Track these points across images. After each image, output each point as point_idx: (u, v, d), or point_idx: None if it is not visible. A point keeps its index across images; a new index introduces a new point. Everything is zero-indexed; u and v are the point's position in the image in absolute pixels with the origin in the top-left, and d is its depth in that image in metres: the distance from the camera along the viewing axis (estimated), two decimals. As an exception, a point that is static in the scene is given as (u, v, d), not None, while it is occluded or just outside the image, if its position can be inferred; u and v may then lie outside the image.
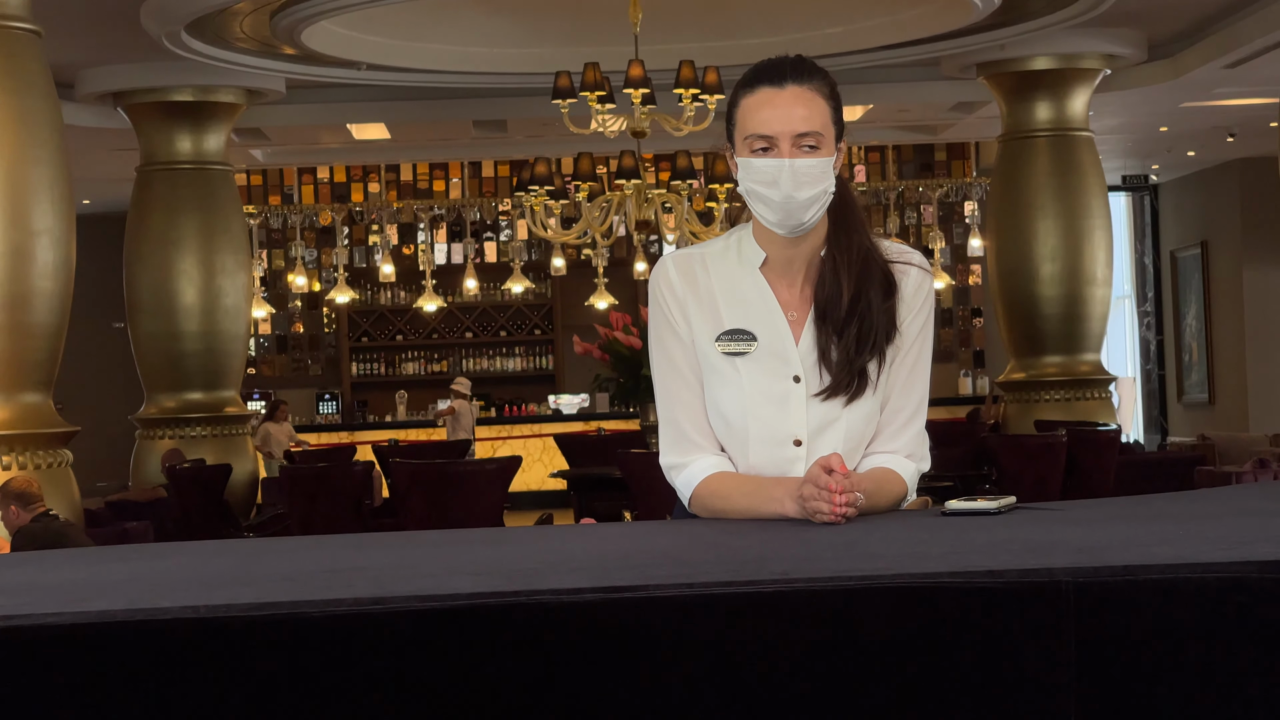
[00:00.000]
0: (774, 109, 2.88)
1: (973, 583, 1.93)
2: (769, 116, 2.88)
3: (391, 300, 19.20)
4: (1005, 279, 13.37)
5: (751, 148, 2.90)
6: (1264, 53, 12.00)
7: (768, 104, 2.89)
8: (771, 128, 2.87)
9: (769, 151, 2.88)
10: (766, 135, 2.88)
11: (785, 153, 2.87)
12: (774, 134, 2.87)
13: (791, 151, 2.87)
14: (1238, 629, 1.91)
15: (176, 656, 1.82)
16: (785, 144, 2.87)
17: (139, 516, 10.23)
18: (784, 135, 2.87)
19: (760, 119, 2.89)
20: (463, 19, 11.80)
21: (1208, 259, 19.29)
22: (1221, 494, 3.12)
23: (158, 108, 12.86)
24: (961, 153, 17.89)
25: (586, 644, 1.88)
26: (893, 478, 2.92)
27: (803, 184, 2.86)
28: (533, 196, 11.03)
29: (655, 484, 6.58)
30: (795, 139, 2.87)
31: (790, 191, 2.86)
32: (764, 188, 2.88)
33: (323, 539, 2.89)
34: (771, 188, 2.87)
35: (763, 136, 2.88)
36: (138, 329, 13.10)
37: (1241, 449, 14.18)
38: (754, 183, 2.89)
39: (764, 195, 2.88)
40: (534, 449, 17.10)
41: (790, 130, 2.87)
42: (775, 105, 2.88)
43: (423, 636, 1.85)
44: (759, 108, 2.89)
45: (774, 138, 2.87)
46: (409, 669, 1.84)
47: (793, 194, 2.86)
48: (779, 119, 2.87)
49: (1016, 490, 2.95)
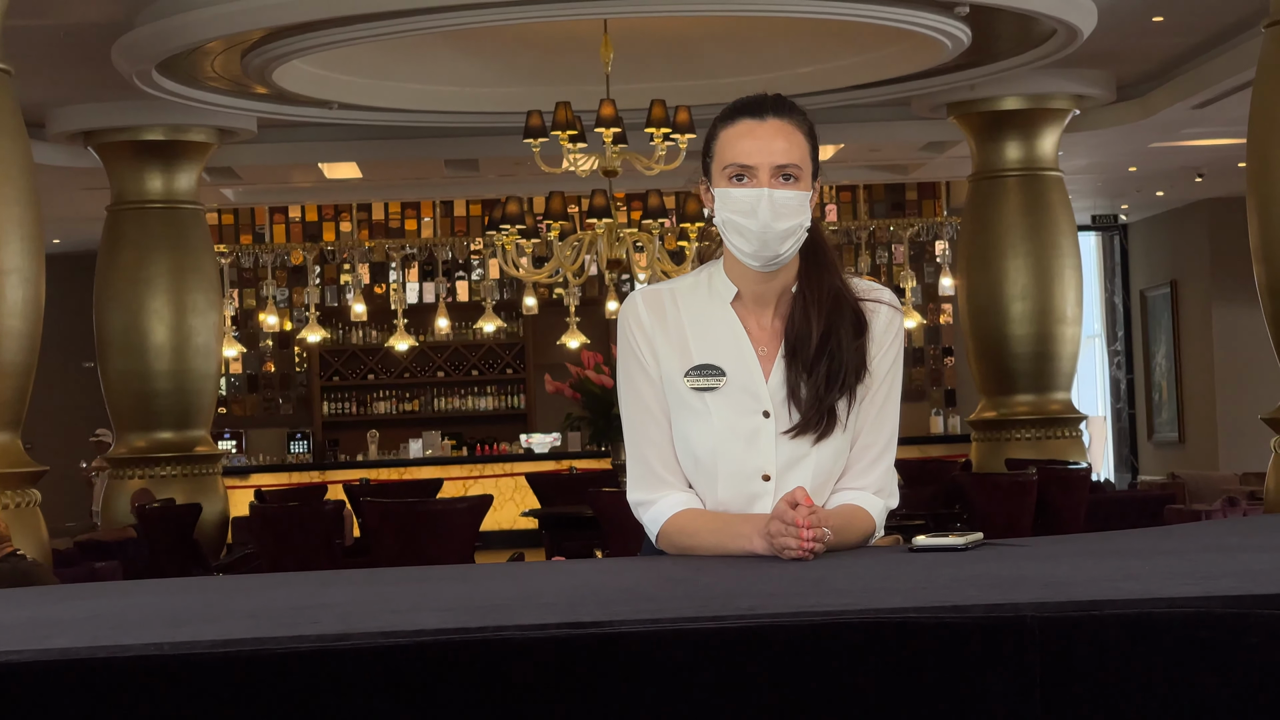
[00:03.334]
0: (755, 140, 2.89)
1: (939, 618, 1.93)
2: (750, 147, 2.89)
3: (363, 339, 19.17)
4: (976, 318, 13.41)
5: (730, 176, 2.90)
6: (1231, 93, 12.08)
7: (749, 135, 2.90)
8: (752, 158, 2.89)
9: (748, 181, 2.89)
10: (746, 165, 2.89)
11: (764, 183, 2.88)
12: (754, 164, 2.88)
13: (771, 182, 2.88)
14: (1203, 663, 1.92)
15: (140, 694, 1.81)
16: (765, 174, 2.88)
17: (108, 556, 10.18)
18: (764, 166, 2.88)
19: (741, 149, 2.90)
20: (434, 58, 11.82)
21: (1177, 298, 19.37)
22: (1187, 530, 3.13)
23: (128, 147, 12.84)
24: (932, 192, 17.95)
25: (553, 680, 1.87)
26: (860, 514, 2.92)
27: (781, 214, 2.87)
28: (504, 235, 11.03)
29: (627, 523, 6.56)
30: (775, 170, 2.88)
31: (768, 221, 2.87)
32: (741, 217, 2.88)
33: (290, 576, 2.88)
34: (749, 217, 2.87)
35: (743, 165, 2.89)
36: (108, 368, 13.06)
37: (1211, 488, 14.21)
38: (731, 212, 2.90)
39: (741, 225, 2.89)
40: (506, 488, 17.06)
41: (770, 161, 2.88)
42: (756, 136, 2.90)
43: (389, 673, 1.84)
44: (739, 138, 2.91)
45: (754, 168, 2.88)
46: (375, 706, 1.83)
47: (771, 224, 2.87)
48: (760, 150, 2.89)
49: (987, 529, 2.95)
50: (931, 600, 2.01)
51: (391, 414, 19.31)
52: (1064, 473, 11.83)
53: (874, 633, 1.91)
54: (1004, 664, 1.91)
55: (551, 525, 11.64)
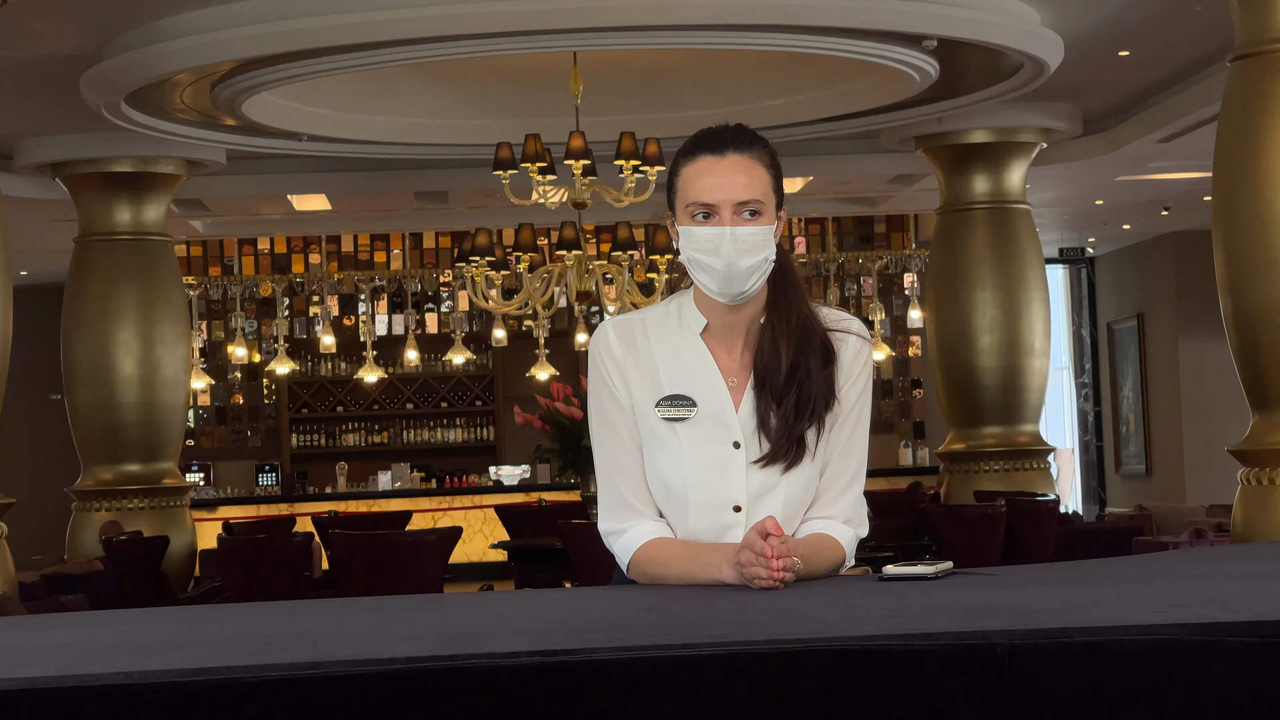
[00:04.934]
0: (715, 177, 2.89)
1: (909, 645, 1.93)
2: (710, 184, 2.89)
3: (332, 371, 19.14)
4: (944, 350, 13.43)
5: (693, 215, 2.91)
6: (1196, 127, 12.15)
7: (709, 172, 2.90)
8: (713, 195, 2.89)
9: (710, 219, 2.89)
10: (708, 203, 2.89)
11: (727, 220, 2.88)
12: (715, 202, 2.89)
13: (733, 219, 2.88)
14: (1172, 690, 1.92)
15: (109, 722, 1.81)
16: (727, 212, 2.88)
17: (75, 589, 10.11)
18: (725, 203, 2.88)
19: (701, 187, 2.90)
20: (404, 91, 11.83)
21: (1144, 331, 19.45)
22: (1155, 559, 3.15)
23: (97, 178, 12.81)
24: (901, 225, 18.00)
25: (524, 708, 1.87)
26: (830, 543, 2.93)
27: (744, 252, 2.88)
28: (474, 267, 11.03)
29: (597, 555, 6.55)
30: (736, 207, 2.88)
31: (732, 259, 2.87)
32: (705, 256, 2.89)
33: (259, 606, 2.88)
34: (713, 256, 2.88)
35: (704, 204, 2.89)
36: (75, 400, 13.00)
37: (1179, 519, 14.25)
38: (695, 251, 2.90)
39: (705, 263, 2.90)
40: (475, 520, 17.02)
41: (731, 198, 2.88)
42: (716, 173, 2.89)
43: (359, 702, 1.84)
44: (700, 176, 2.91)
45: (715, 205, 2.89)
46: (345, 734, 1.83)
47: (734, 262, 2.87)
48: (720, 187, 2.89)
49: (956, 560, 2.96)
50: (902, 628, 2.01)
51: (360, 446, 19.27)
52: (1032, 504, 11.85)
53: (845, 660, 1.92)
54: (974, 691, 1.91)
55: (521, 557, 11.62)
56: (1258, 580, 2.50)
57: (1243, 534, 8.13)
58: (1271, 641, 1.92)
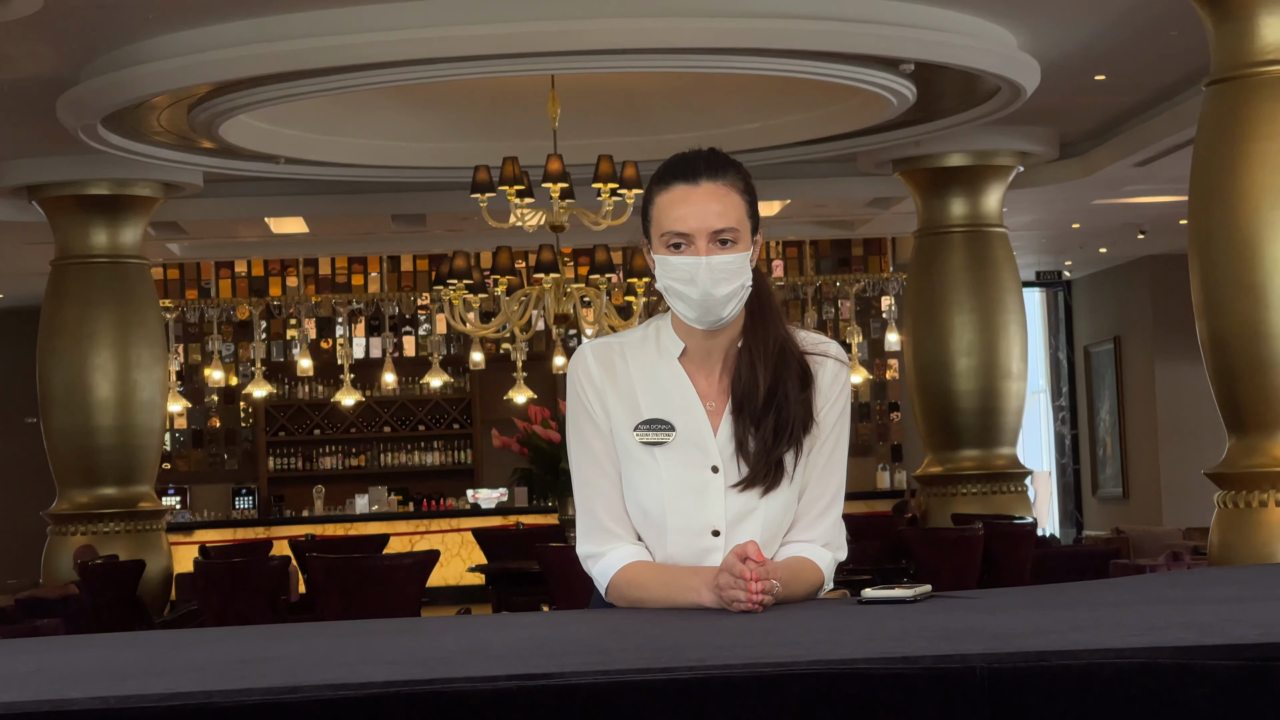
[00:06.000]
0: (689, 206, 2.89)
1: (888, 669, 1.93)
2: (684, 214, 2.89)
3: (309, 394, 19.09)
4: (922, 373, 13.45)
5: (668, 244, 2.91)
6: (1172, 151, 12.20)
7: (682, 201, 2.89)
8: (687, 225, 2.88)
9: (685, 248, 2.89)
10: (682, 233, 2.89)
11: (702, 250, 2.88)
12: (690, 231, 2.88)
13: (708, 248, 2.88)
14: (1150, 714, 1.92)
15: (85, 748, 1.80)
16: (701, 241, 2.88)
17: (50, 614, 10.07)
18: (700, 232, 2.88)
19: (675, 216, 2.89)
20: (382, 113, 11.83)
21: (1120, 354, 19.50)
22: (1133, 583, 3.15)
23: (73, 201, 12.78)
24: (878, 248, 18.04)
25: (502, 733, 1.86)
26: (809, 567, 2.93)
27: (720, 280, 2.87)
28: (451, 291, 11.03)
29: (574, 578, 6.54)
30: (711, 236, 2.88)
31: (708, 289, 2.87)
32: (682, 285, 2.89)
33: (236, 630, 2.86)
34: (689, 285, 2.88)
35: (679, 234, 2.89)
36: (51, 424, 12.95)
37: (1155, 542, 14.28)
38: (672, 280, 2.90)
39: (682, 292, 2.90)
40: (452, 543, 16.99)
41: (706, 228, 2.88)
42: (690, 202, 2.89)
43: (336, 726, 1.83)
44: (673, 205, 2.90)
45: (690, 235, 2.88)
46: (322, 759, 1.82)
47: (710, 291, 2.87)
48: (694, 216, 2.88)
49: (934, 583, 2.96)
50: (881, 651, 2.01)
51: (337, 469, 19.22)
52: (1009, 528, 11.87)
53: (824, 684, 1.91)
54: (953, 714, 1.91)
55: (498, 581, 11.60)
56: (1236, 604, 2.50)
57: (1220, 557, 8.14)
58: (1250, 665, 1.92)
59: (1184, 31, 9.62)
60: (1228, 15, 8.09)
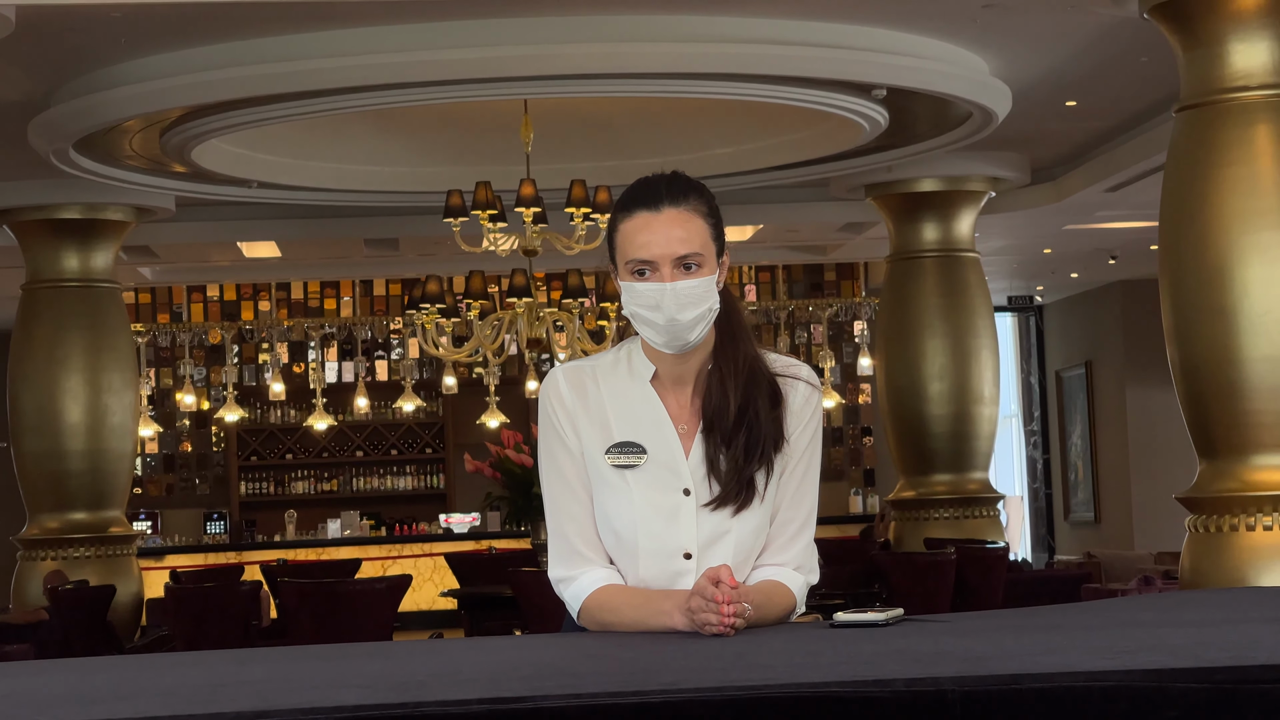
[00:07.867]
0: (651, 233, 2.89)
1: (860, 692, 1.93)
2: (647, 241, 2.89)
3: (281, 419, 19.04)
4: (894, 398, 13.47)
5: (633, 271, 2.91)
6: (1142, 177, 12.26)
7: (645, 228, 2.90)
8: (650, 252, 2.89)
9: (650, 275, 2.89)
10: (646, 260, 2.89)
11: (666, 276, 2.88)
12: (653, 258, 2.89)
13: (672, 274, 2.88)
14: (1122, 737, 1.93)
15: (53, 773, 1.79)
16: (666, 267, 2.88)
17: (20, 639, 10.03)
18: (664, 259, 2.88)
19: (638, 244, 2.90)
20: (354, 138, 11.82)
21: (1092, 379, 19.56)
22: (1105, 606, 3.15)
23: (44, 225, 12.73)
24: (851, 273, 18.08)
25: (473, 757, 1.86)
26: (781, 590, 2.93)
27: (685, 305, 2.88)
28: (424, 315, 11.02)
29: (547, 603, 6.53)
30: (675, 262, 2.89)
31: (674, 314, 2.88)
32: (648, 311, 2.89)
33: (206, 654, 2.85)
34: (655, 311, 2.88)
35: (642, 261, 2.89)
36: (21, 448, 12.89)
37: (1127, 566, 14.31)
38: (638, 306, 2.91)
39: (648, 318, 2.90)
40: (425, 568, 16.95)
41: (669, 254, 2.88)
42: (653, 229, 2.89)
43: (306, 750, 1.82)
44: (637, 232, 2.90)
45: (654, 261, 2.89)
46: (292, 784, 1.81)
47: (676, 316, 2.88)
48: (657, 243, 2.89)
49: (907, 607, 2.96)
50: (853, 674, 2.01)
51: (310, 494, 19.16)
52: (982, 552, 11.88)
53: (796, 707, 1.91)
54: (925, 738, 1.91)
55: (471, 605, 11.58)
56: (1207, 627, 2.50)
57: (1191, 581, 8.16)
58: (1221, 688, 1.92)
59: (1154, 58, 9.68)
60: (1198, 42, 8.13)
